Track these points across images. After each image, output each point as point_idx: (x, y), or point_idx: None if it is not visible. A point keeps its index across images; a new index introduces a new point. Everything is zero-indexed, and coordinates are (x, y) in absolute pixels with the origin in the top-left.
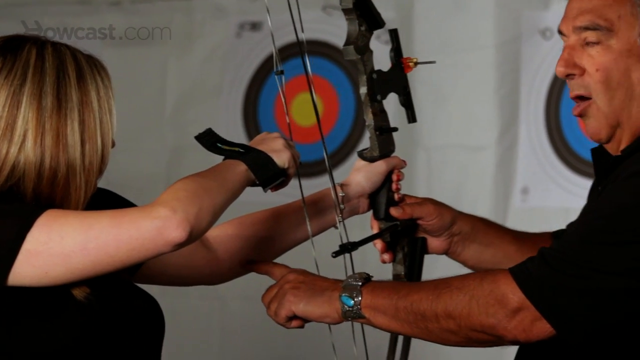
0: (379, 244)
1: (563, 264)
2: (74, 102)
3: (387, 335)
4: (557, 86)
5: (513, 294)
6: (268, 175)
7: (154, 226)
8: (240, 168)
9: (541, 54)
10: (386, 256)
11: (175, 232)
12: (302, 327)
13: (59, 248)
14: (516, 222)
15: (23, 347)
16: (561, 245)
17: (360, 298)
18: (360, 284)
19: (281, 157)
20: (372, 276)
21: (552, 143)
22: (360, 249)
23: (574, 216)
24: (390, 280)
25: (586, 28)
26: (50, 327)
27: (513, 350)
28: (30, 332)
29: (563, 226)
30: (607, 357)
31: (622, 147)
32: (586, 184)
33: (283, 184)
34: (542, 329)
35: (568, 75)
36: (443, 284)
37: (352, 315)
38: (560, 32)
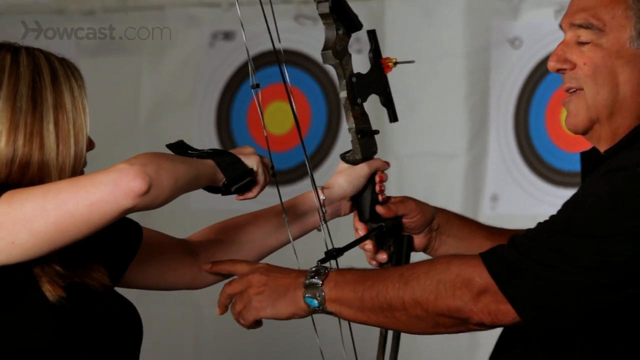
0: (369, 244)
1: (531, 249)
2: (49, 103)
3: (376, 332)
4: (526, 94)
5: (480, 276)
6: (235, 174)
7: (110, 178)
8: (208, 161)
9: (510, 62)
10: (382, 255)
11: (132, 181)
12: (261, 325)
13: (20, 214)
14: None
15: None
16: (533, 232)
17: (323, 294)
18: (320, 282)
19: (249, 159)
20: (329, 268)
21: (521, 151)
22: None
23: None
24: (352, 269)
25: (580, 26)
26: (24, 328)
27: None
28: (3, 331)
29: None
30: (575, 352)
31: (602, 143)
32: (554, 191)
33: (250, 188)
34: (507, 313)
35: (559, 70)
36: (409, 271)
37: (320, 311)
38: (561, 27)
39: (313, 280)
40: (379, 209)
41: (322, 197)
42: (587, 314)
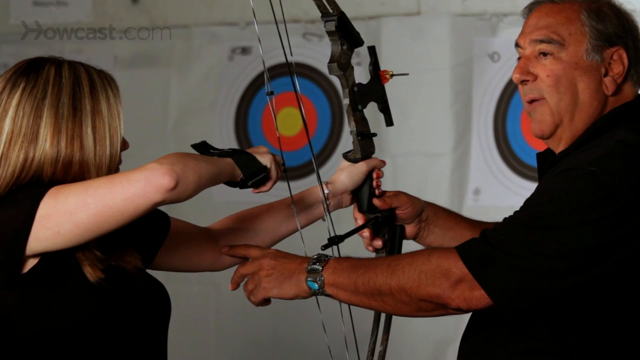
0: (366, 232)
1: (501, 242)
2: (88, 110)
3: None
4: (504, 102)
5: (456, 267)
6: (251, 170)
7: (142, 176)
8: (227, 160)
9: (490, 74)
10: (377, 242)
11: (162, 178)
12: (269, 304)
13: (64, 207)
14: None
15: (38, 323)
16: (501, 227)
17: (322, 279)
18: (321, 268)
19: (264, 158)
20: (329, 256)
21: (500, 150)
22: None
23: None
24: (349, 257)
25: (541, 41)
26: (68, 306)
27: None
28: (49, 308)
29: None
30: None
31: (561, 145)
32: (529, 185)
33: (265, 182)
34: (481, 298)
35: (522, 82)
36: (395, 262)
37: (319, 293)
38: (517, 45)
39: (314, 266)
40: (376, 201)
41: (326, 191)
42: (549, 295)
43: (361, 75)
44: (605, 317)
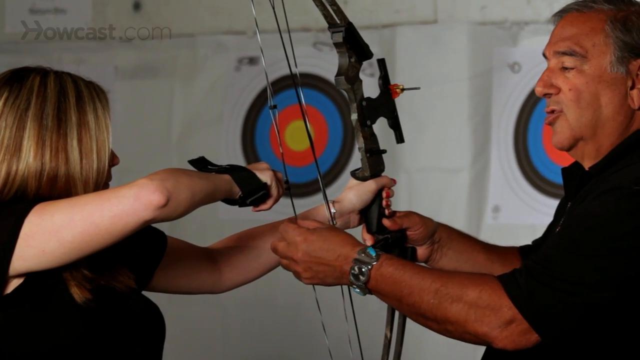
0: None
1: (549, 278)
2: (73, 122)
3: (380, 338)
4: (525, 114)
5: (507, 307)
6: (250, 187)
7: (132, 192)
8: (225, 176)
9: (510, 85)
10: None
11: (152, 195)
12: None
13: (50, 225)
14: (488, 237)
15: (23, 344)
16: (544, 259)
17: (366, 280)
18: (369, 267)
19: (263, 174)
20: (380, 253)
21: (520, 166)
22: None
23: (540, 232)
24: (393, 262)
25: (564, 53)
26: (53, 327)
27: None
28: (34, 330)
29: (529, 241)
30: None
31: (586, 159)
32: (551, 202)
33: (264, 200)
34: (531, 339)
35: (545, 95)
36: (444, 289)
37: (358, 293)
38: (544, 56)
39: (362, 266)
40: (386, 222)
41: (333, 210)
42: (601, 329)
43: (375, 87)
44: None
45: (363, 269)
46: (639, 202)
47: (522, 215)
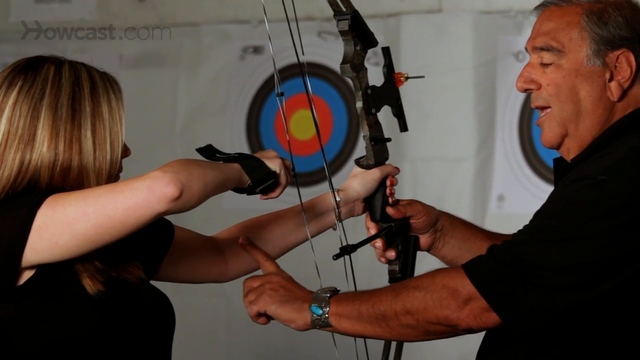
0: (379, 242)
1: (509, 258)
2: (87, 112)
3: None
4: (529, 103)
5: (463, 286)
6: (260, 176)
7: (145, 185)
8: (234, 165)
9: (515, 74)
10: (390, 253)
11: (166, 187)
12: (266, 324)
13: (63, 217)
14: (493, 226)
15: (36, 336)
16: (510, 242)
17: (327, 308)
18: (328, 295)
19: (272, 163)
20: (339, 290)
21: (525, 154)
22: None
23: None
24: (353, 292)
25: (542, 49)
26: (66, 318)
27: None
28: (46, 322)
29: None
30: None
31: (570, 154)
32: None
33: (274, 188)
34: (491, 317)
35: (526, 90)
36: (400, 286)
37: (320, 323)
38: (526, 50)
39: (322, 294)
40: (389, 210)
41: (337, 198)
42: (561, 313)
43: (379, 76)
44: (623, 333)
45: (327, 290)
46: (602, 190)
47: (526, 204)
